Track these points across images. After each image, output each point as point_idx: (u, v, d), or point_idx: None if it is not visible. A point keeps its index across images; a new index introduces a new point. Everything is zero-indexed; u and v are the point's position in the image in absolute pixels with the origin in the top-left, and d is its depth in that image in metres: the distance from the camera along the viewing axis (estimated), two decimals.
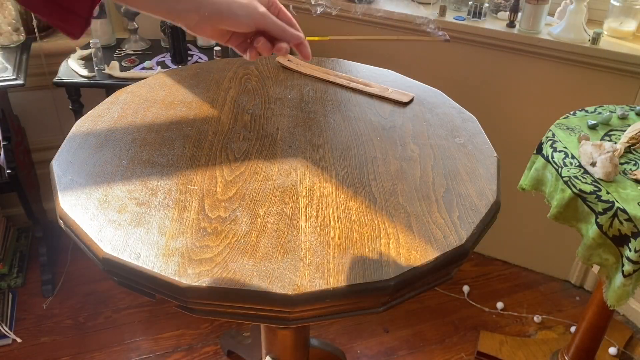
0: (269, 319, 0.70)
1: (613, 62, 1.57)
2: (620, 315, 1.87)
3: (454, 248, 0.73)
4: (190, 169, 0.88)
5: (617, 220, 1.04)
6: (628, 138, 1.20)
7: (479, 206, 0.81)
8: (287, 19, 0.75)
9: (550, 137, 1.23)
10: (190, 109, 1.05)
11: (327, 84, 1.17)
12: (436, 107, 1.09)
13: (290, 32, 0.73)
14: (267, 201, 0.81)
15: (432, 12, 1.76)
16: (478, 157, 0.93)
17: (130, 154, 0.91)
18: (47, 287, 1.86)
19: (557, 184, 1.16)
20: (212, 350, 1.69)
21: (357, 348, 1.72)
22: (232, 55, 1.72)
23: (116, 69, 1.66)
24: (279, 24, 0.72)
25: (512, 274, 2.04)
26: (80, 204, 0.79)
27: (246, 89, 1.14)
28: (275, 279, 0.67)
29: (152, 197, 0.81)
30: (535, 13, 1.61)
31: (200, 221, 0.76)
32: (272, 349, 1.12)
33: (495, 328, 1.81)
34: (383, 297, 0.69)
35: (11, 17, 1.71)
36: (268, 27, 0.71)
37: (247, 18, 0.68)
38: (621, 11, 1.60)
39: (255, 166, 0.89)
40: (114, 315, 1.80)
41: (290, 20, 0.75)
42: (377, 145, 0.96)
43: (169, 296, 0.69)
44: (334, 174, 0.88)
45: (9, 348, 1.69)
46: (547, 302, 1.91)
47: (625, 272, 1.07)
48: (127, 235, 0.73)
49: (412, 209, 0.80)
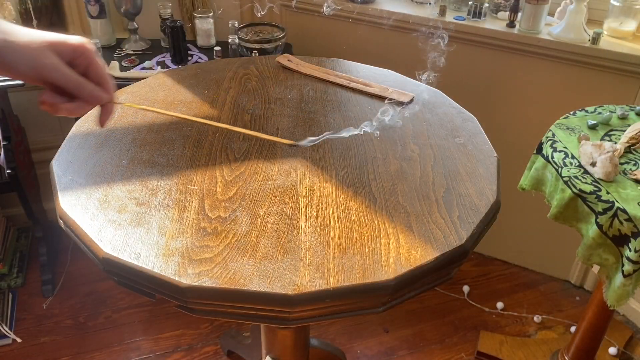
0: (269, 319, 0.70)
1: (613, 62, 1.57)
2: (620, 315, 1.87)
3: (454, 248, 0.73)
4: (190, 169, 0.88)
5: (617, 220, 1.04)
6: (628, 138, 1.20)
7: (479, 206, 0.81)
8: (97, 76, 0.64)
9: (550, 137, 1.23)
10: (190, 109, 1.05)
11: (327, 84, 1.17)
12: (436, 107, 1.09)
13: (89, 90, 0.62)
14: (267, 201, 0.81)
15: (432, 12, 1.76)
16: (478, 157, 0.93)
17: (130, 154, 0.91)
18: (47, 287, 1.86)
19: (557, 184, 1.16)
20: (212, 350, 1.69)
21: (357, 348, 1.72)
22: (233, 55, 1.72)
23: (116, 69, 1.66)
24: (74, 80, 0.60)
25: (512, 274, 2.04)
26: (80, 204, 0.79)
27: (246, 89, 1.14)
28: (275, 279, 0.67)
29: (152, 197, 0.81)
30: (535, 13, 1.61)
31: (200, 221, 0.76)
32: (272, 349, 1.12)
33: (495, 328, 1.81)
34: (383, 297, 0.69)
35: (11, 17, 1.71)
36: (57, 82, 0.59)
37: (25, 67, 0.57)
38: (621, 11, 1.60)
39: (255, 166, 0.89)
40: (114, 315, 1.80)
41: (100, 77, 0.64)
42: (377, 145, 0.96)
43: (169, 296, 0.69)
44: (334, 174, 0.88)
45: (9, 348, 1.69)
46: (547, 302, 1.91)
47: (625, 272, 1.07)
48: (127, 235, 0.73)
49: (412, 209, 0.80)
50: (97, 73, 0.64)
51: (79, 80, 0.61)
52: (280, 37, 1.76)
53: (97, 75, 0.64)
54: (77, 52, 0.61)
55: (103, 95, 0.64)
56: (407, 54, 1.85)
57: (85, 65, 0.62)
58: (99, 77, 0.64)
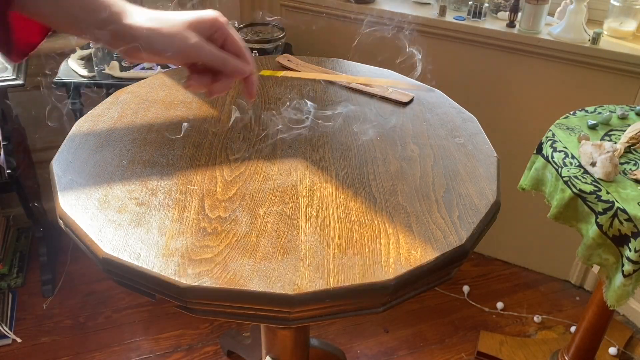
0: (269, 319, 0.70)
1: (613, 62, 1.57)
2: (620, 315, 1.87)
3: (454, 248, 0.73)
4: (190, 169, 0.88)
5: (617, 220, 1.04)
6: (628, 138, 1.20)
7: (479, 206, 0.81)
8: (234, 48, 0.65)
9: (550, 137, 1.23)
10: (190, 109, 1.05)
11: (327, 84, 1.17)
12: (436, 107, 1.09)
13: (233, 65, 0.63)
14: (267, 201, 0.81)
15: (432, 12, 1.76)
16: (478, 157, 0.93)
17: (130, 154, 0.91)
18: (47, 287, 1.86)
19: (557, 184, 1.16)
20: (212, 350, 1.69)
21: (357, 348, 1.72)
22: None
23: (116, 69, 1.66)
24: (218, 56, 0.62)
25: (512, 274, 2.04)
26: (80, 204, 0.79)
27: None
28: (275, 279, 0.67)
29: (152, 197, 0.81)
30: (535, 13, 1.61)
31: (200, 221, 0.76)
32: (272, 349, 1.12)
33: (495, 328, 1.81)
34: (383, 297, 0.69)
35: None
36: (203, 60, 0.62)
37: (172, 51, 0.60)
38: (621, 11, 1.60)
39: (255, 166, 0.89)
40: (114, 315, 1.80)
41: (239, 50, 0.65)
42: (377, 145, 0.96)
43: (169, 296, 0.69)
44: (334, 174, 0.88)
45: (9, 348, 1.69)
46: (547, 302, 1.91)
47: (625, 272, 1.06)
48: (127, 235, 0.73)
49: (412, 209, 0.80)
50: (235, 46, 0.65)
51: (223, 55, 0.62)
52: (280, 37, 1.76)
53: (235, 47, 0.65)
54: (214, 27, 0.62)
55: (246, 68, 0.65)
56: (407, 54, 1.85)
57: (222, 39, 0.63)
58: (237, 50, 0.65)
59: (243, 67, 0.65)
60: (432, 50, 1.81)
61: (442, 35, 1.75)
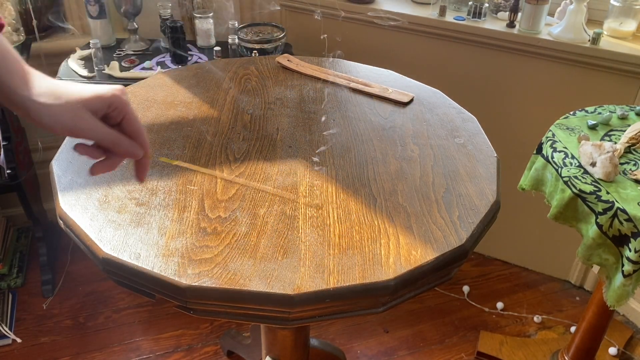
0: (269, 319, 0.70)
1: (613, 62, 1.57)
2: (620, 315, 1.87)
3: (454, 248, 0.73)
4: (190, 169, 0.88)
5: (617, 220, 1.04)
6: (628, 138, 1.20)
7: (479, 206, 0.81)
8: (130, 129, 0.63)
9: (550, 137, 1.23)
10: (190, 109, 1.05)
11: (327, 84, 1.17)
12: (436, 107, 1.09)
13: (123, 147, 0.62)
14: (267, 201, 0.81)
15: (432, 12, 1.76)
16: (478, 157, 0.93)
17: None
18: (47, 287, 1.86)
19: (557, 184, 1.16)
20: (212, 350, 1.69)
21: (357, 348, 1.72)
22: (233, 55, 1.72)
23: (116, 69, 1.66)
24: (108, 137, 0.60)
25: (512, 274, 2.04)
26: (80, 204, 0.79)
27: (246, 89, 1.14)
28: (275, 279, 0.67)
29: (152, 197, 0.81)
30: (535, 13, 1.61)
31: (200, 221, 0.76)
32: (272, 349, 1.12)
33: (495, 328, 1.81)
34: (383, 297, 0.69)
35: (11, 17, 1.71)
36: (91, 139, 0.60)
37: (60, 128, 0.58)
38: (621, 11, 1.60)
39: (255, 166, 0.89)
40: (114, 315, 1.80)
41: (135, 131, 0.63)
42: (377, 145, 0.96)
43: (169, 296, 0.69)
44: (334, 174, 0.88)
45: (9, 348, 1.69)
46: (547, 302, 1.91)
47: (625, 272, 1.06)
48: (127, 236, 0.73)
49: (412, 209, 0.80)
50: (131, 127, 0.63)
51: (113, 137, 0.61)
52: (280, 37, 1.76)
53: (131, 129, 0.63)
54: (111, 106, 0.61)
55: (137, 151, 0.63)
56: (407, 54, 1.85)
57: (120, 118, 0.62)
58: (134, 132, 0.63)
59: (134, 150, 0.63)
60: (432, 51, 1.82)
61: (442, 36, 1.75)
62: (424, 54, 1.83)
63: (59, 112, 0.58)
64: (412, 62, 1.85)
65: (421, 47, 1.82)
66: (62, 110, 0.58)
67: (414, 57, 1.84)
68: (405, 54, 1.85)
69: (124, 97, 0.62)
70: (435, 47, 1.80)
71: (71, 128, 0.58)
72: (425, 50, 1.82)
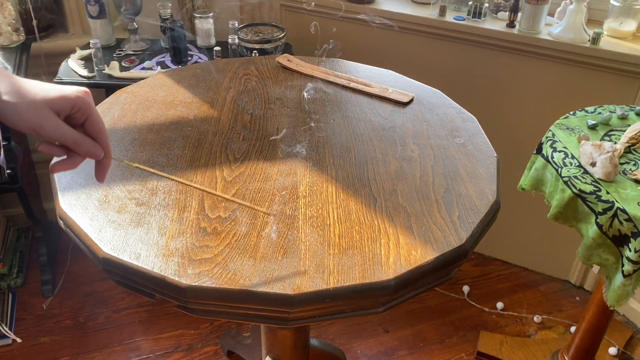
0: (269, 319, 0.70)
1: (613, 62, 1.57)
2: (620, 315, 1.87)
3: (454, 248, 0.73)
4: (190, 169, 0.88)
5: (617, 220, 1.04)
6: (628, 138, 1.20)
7: (479, 206, 0.81)
8: (93, 130, 0.65)
9: (550, 137, 1.23)
10: (190, 109, 1.05)
11: (327, 84, 1.17)
12: (436, 107, 1.09)
13: (84, 147, 0.63)
14: (267, 201, 0.81)
15: (432, 12, 1.76)
16: (478, 157, 0.93)
17: (130, 154, 0.91)
18: (47, 287, 1.86)
19: (557, 184, 1.16)
20: (212, 350, 1.69)
21: (357, 348, 1.72)
22: (233, 55, 1.72)
23: (116, 69, 1.66)
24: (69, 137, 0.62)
25: (512, 274, 2.04)
26: (80, 204, 0.79)
27: (246, 89, 1.14)
28: (275, 279, 0.67)
29: (152, 197, 0.81)
30: (535, 13, 1.61)
31: (200, 221, 0.76)
32: (272, 349, 1.12)
33: (495, 328, 1.81)
34: (383, 297, 0.69)
35: (11, 17, 1.71)
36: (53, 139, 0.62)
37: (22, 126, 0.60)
38: (621, 11, 1.60)
39: (255, 166, 0.89)
40: (114, 315, 1.80)
41: (97, 132, 0.65)
42: (377, 145, 0.96)
43: (169, 296, 0.69)
44: (334, 174, 0.88)
45: (9, 348, 1.69)
46: (547, 302, 1.91)
47: (625, 272, 1.06)
48: (127, 235, 0.73)
49: (412, 209, 0.80)
50: (94, 127, 0.65)
51: (75, 137, 0.63)
52: (280, 37, 1.76)
53: (94, 129, 0.65)
54: (75, 107, 0.62)
55: (99, 152, 0.65)
56: (407, 54, 1.85)
57: (83, 119, 0.64)
58: (96, 132, 0.65)
59: (95, 150, 0.65)
60: (432, 51, 1.82)
61: (442, 36, 1.75)
62: (424, 54, 1.83)
63: (23, 110, 0.59)
64: (412, 62, 1.85)
65: (421, 47, 1.82)
66: (27, 109, 0.59)
67: (414, 57, 1.84)
68: (406, 54, 1.85)
69: (87, 99, 0.64)
70: (435, 47, 1.80)
71: (35, 127, 0.60)
72: (425, 50, 1.82)
